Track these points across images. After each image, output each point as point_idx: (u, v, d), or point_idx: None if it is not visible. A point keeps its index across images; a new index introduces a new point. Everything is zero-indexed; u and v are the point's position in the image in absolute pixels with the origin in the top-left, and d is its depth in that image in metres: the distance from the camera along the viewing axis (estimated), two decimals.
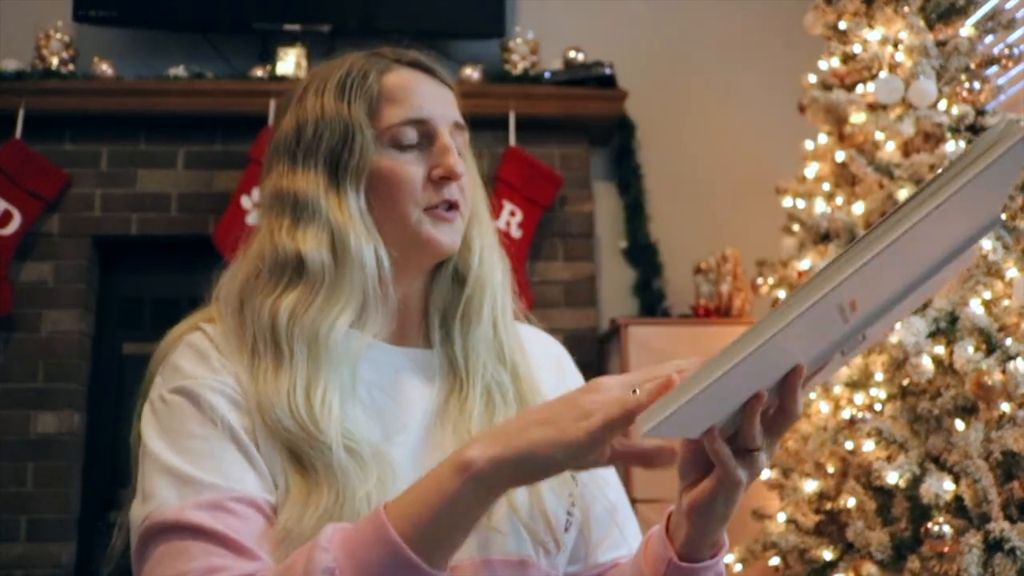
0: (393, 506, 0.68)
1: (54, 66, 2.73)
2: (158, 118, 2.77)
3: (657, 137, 3.02)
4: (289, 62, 2.79)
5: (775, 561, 2.04)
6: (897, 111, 2.12)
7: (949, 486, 1.70)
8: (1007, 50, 2.11)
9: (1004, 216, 1.92)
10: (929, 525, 1.68)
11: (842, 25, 2.29)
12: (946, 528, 1.66)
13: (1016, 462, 1.68)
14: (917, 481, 1.74)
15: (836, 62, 2.27)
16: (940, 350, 1.82)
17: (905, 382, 1.86)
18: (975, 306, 1.81)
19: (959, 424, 1.75)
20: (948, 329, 1.83)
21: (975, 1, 2.18)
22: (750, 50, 3.08)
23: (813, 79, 2.33)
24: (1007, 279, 1.84)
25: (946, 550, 1.65)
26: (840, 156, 2.16)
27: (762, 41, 3.06)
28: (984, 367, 1.72)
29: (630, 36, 3.09)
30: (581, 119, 2.87)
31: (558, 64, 2.89)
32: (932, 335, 1.83)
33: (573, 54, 2.90)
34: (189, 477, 0.75)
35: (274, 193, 0.89)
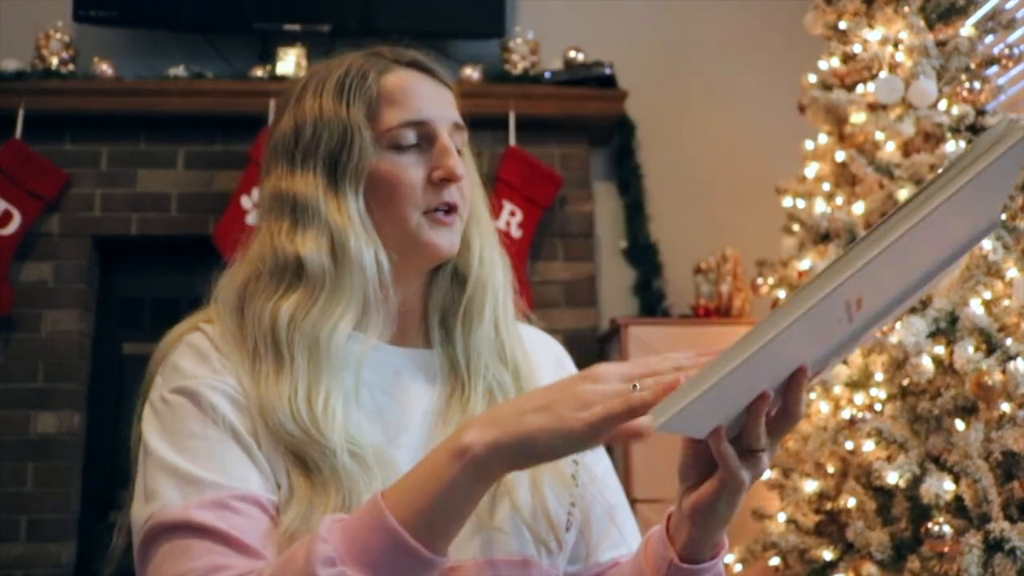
0: (391, 493, 0.68)
1: (54, 66, 2.73)
2: (158, 118, 2.77)
3: (657, 137, 3.02)
4: (289, 62, 2.79)
5: (775, 561, 2.04)
6: (897, 111, 2.12)
7: (949, 486, 1.70)
8: (1007, 50, 2.11)
9: (1004, 216, 1.92)
10: (929, 525, 1.68)
11: (842, 25, 2.29)
12: (946, 528, 1.66)
13: (1016, 462, 1.68)
14: (917, 481, 1.74)
15: (836, 62, 2.27)
16: (940, 350, 1.82)
17: (905, 382, 1.86)
18: (975, 306, 1.81)
19: (959, 424, 1.75)
20: (948, 329, 1.83)
21: (975, 1, 2.18)
22: (750, 50, 3.08)
23: (813, 79, 2.33)
24: (1007, 279, 1.84)
25: (946, 550, 1.65)
26: (840, 156, 2.16)
27: (762, 41, 3.06)
28: (984, 367, 1.72)
29: (630, 36, 3.09)
30: (581, 119, 2.87)
31: (558, 64, 2.89)
32: (932, 335, 1.83)
33: (573, 54, 2.89)
34: (192, 476, 0.75)
35: (273, 195, 0.89)
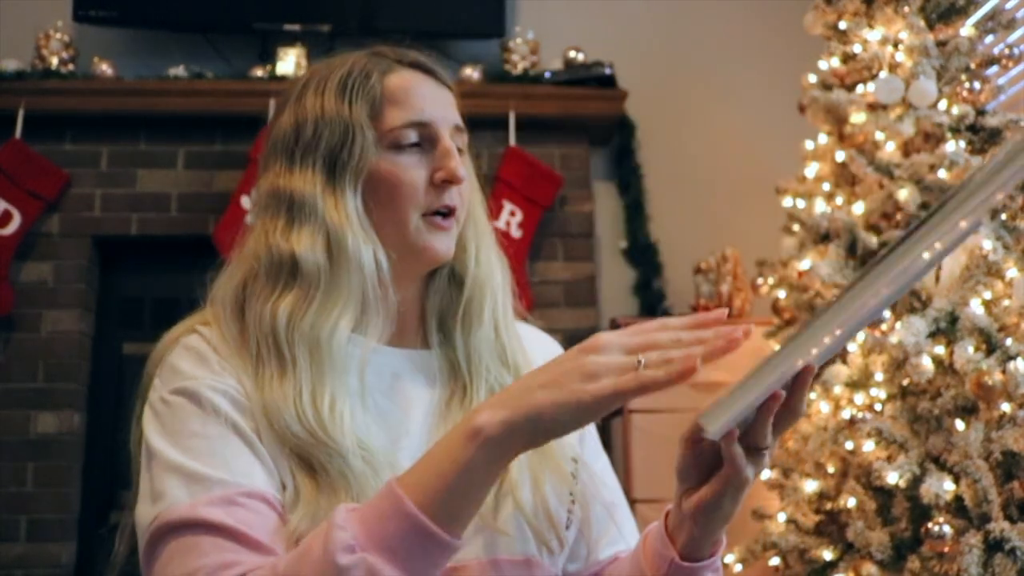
0: (405, 479, 0.68)
1: (54, 66, 2.73)
2: (158, 118, 2.77)
3: (657, 137, 3.02)
4: (289, 62, 2.79)
5: (775, 561, 2.04)
6: (897, 111, 2.12)
7: (949, 486, 1.70)
8: (1007, 50, 2.11)
9: (1004, 216, 1.92)
10: (929, 525, 1.68)
11: (842, 25, 2.29)
12: (946, 528, 1.66)
13: (1016, 462, 1.68)
14: (917, 481, 1.74)
15: (836, 62, 2.27)
16: (940, 350, 1.82)
17: (905, 382, 1.86)
18: (975, 306, 1.81)
19: (959, 424, 1.75)
20: (948, 329, 1.83)
21: (975, 1, 2.18)
22: (750, 50, 3.08)
23: (813, 79, 2.33)
24: (1007, 279, 1.84)
25: (946, 550, 1.65)
26: (840, 156, 2.16)
27: (762, 41, 3.06)
28: (984, 367, 1.72)
29: (630, 36, 3.09)
30: (581, 119, 2.86)
31: (558, 64, 2.89)
32: (932, 335, 1.83)
33: (573, 54, 2.89)
34: (198, 475, 0.74)
35: (270, 192, 0.88)
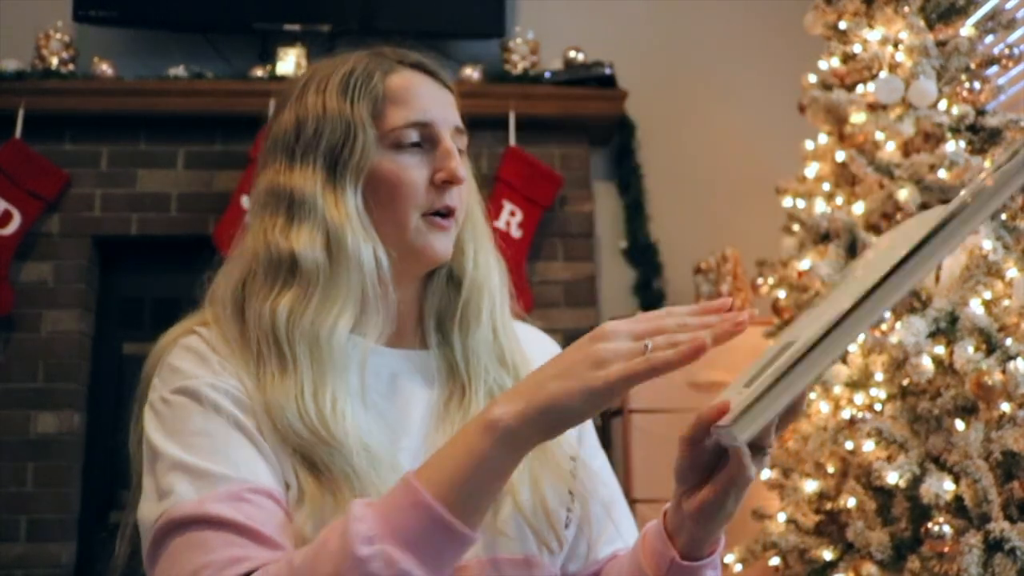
0: (422, 472, 0.68)
1: (54, 66, 2.73)
2: (158, 118, 2.77)
3: (657, 137, 3.02)
4: (289, 62, 2.79)
5: (775, 561, 2.04)
6: (897, 111, 2.12)
7: (949, 486, 1.70)
8: (1007, 50, 2.11)
9: (1004, 216, 1.92)
10: (929, 525, 1.68)
11: (842, 25, 2.29)
12: (946, 528, 1.66)
13: (1016, 462, 1.68)
14: (917, 481, 1.74)
15: (836, 62, 2.27)
16: (940, 350, 1.82)
17: (905, 382, 1.86)
18: (975, 306, 1.81)
19: (959, 424, 1.75)
20: (948, 329, 1.83)
21: (975, 1, 2.18)
22: (750, 50, 3.08)
23: (813, 79, 2.33)
24: (1007, 279, 1.84)
25: (946, 550, 1.65)
26: (840, 156, 2.16)
27: (762, 41, 3.06)
28: (984, 367, 1.72)
29: (630, 36, 3.09)
30: (581, 119, 2.86)
31: (558, 64, 2.89)
32: (932, 335, 1.83)
33: (573, 54, 2.89)
34: (204, 471, 0.74)
35: (269, 190, 0.88)
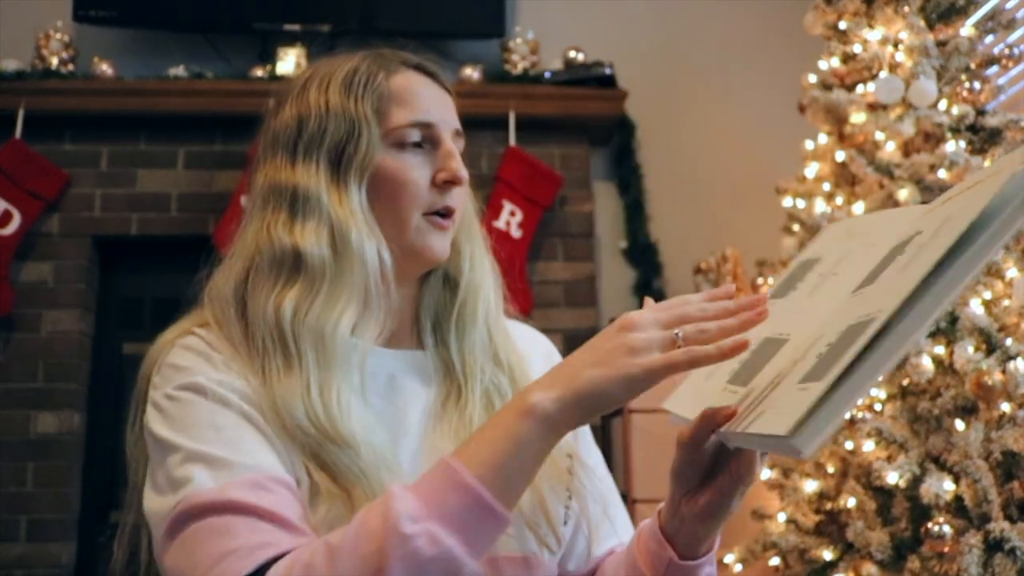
0: (459, 455, 0.68)
1: (54, 66, 2.73)
2: (158, 118, 2.77)
3: (657, 137, 3.02)
4: (289, 62, 2.79)
5: (775, 561, 2.04)
6: (897, 111, 2.12)
7: (949, 486, 1.70)
8: (1007, 50, 2.11)
9: None
10: (929, 525, 1.68)
11: (842, 25, 2.29)
12: (946, 528, 1.66)
13: (1016, 462, 1.68)
14: (917, 481, 1.74)
15: (836, 62, 2.27)
16: (940, 350, 1.82)
17: (905, 382, 1.86)
18: (975, 306, 1.81)
19: (959, 424, 1.75)
20: (948, 329, 1.83)
21: (975, 1, 2.18)
22: (750, 50, 3.08)
23: (813, 79, 2.33)
24: (1007, 279, 1.84)
25: (946, 550, 1.65)
26: (840, 156, 2.16)
27: (762, 41, 3.06)
28: (984, 367, 1.72)
29: (630, 36, 3.09)
30: (581, 119, 2.86)
31: (558, 64, 2.89)
32: (932, 335, 1.83)
33: (573, 54, 2.89)
34: (222, 460, 0.73)
35: (270, 186, 0.87)
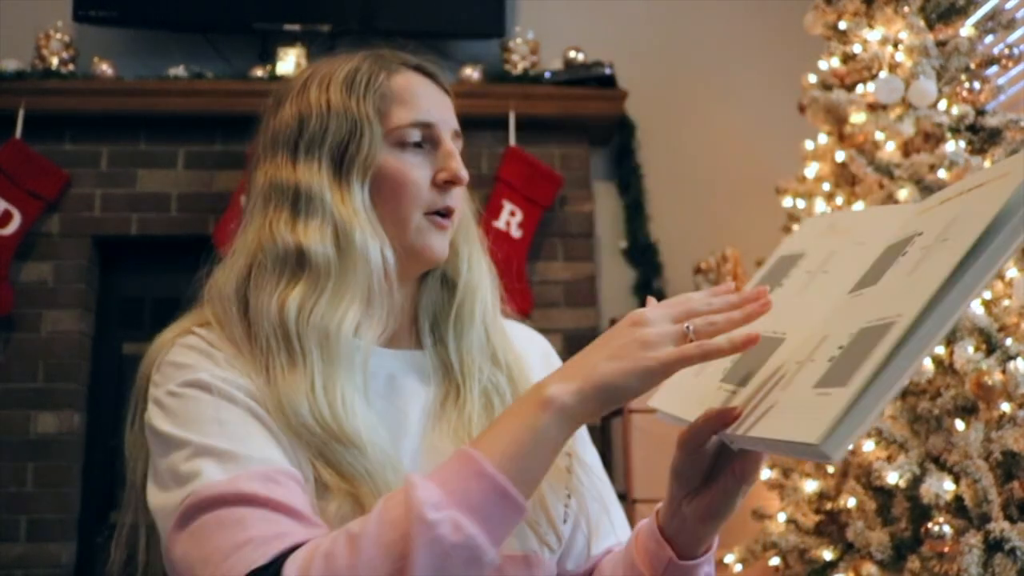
0: (478, 445, 0.69)
1: (54, 66, 2.73)
2: (158, 118, 2.77)
3: (657, 137, 3.02)
4: (289, 62, 2.79)
5: (775, 561, 2.04)
6: (897, 111, 2.12)
7: (949, 486, 1.70)
8: (1007, 50, 2.11)
9: None
10: (929, 525, 1.68)
11: (842, 25, 2.29)
12: (946, 528, 1.66)
13: (1016, 462, 1.68)
14: (917, 481, 1.74)
15: (836, 62, 2.27)
16: (940, 350, 1.82)
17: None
18: (975, 306, 1.81)
19: (959, 424, 1.75)
20: None
21: (975, 1, 2.18)
22: (750, 50, 3.08)
23: (813, 79, 2.33)
24: (1007, 279, 1.84)
25: (946, 550, 1.65)
26: (840, 156, 2.16)
27: (762, 41, 3.06)
28: (984, 367, 1.72)
29: (630, 36, 3.09)
30: (581, 119, 2.86)
31: (558, 64, 2.89)
32: None
33: (573, 54, 2.89)
34: (230, 454, 0.72)
35: (271, 184, 0.87)
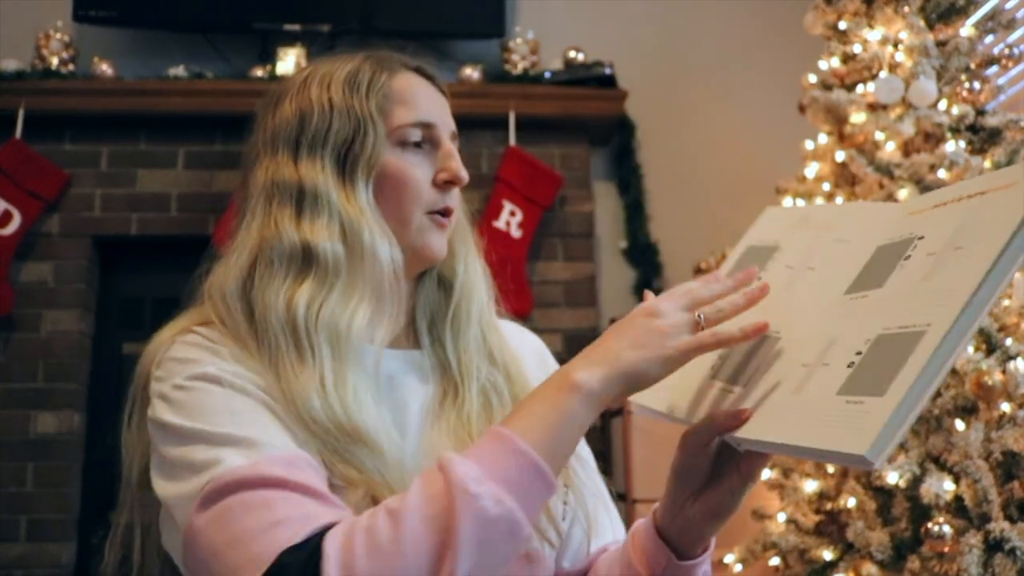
0: (509, 424, 0.70)
1: (54, 66, 2.73)
2: (158, 118, 2.77)
3: (657, 137, 3.02)
4: (289, 62, 2.79)
5: (775, 561, 2.04)
6: (897, 111, 2.12)
7: (949, 486, 1.70)
8: (1007, 50, 2.11)
9: None
10: (929, 525, 1.68)
11: (842, 25, 2.29)
12: (946, 528, 1.66)
13: (1016, 462, 1.68)
14: (917, 481, 1.74)
15: (836, 62, 2.27)
16: None
17: None
18: None
19: (959, 424, 1.75)
20: None
21: (975, 1, 2.18)
22: (750, 50, 3.08)
23: (813, 79, 2.33)
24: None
25: (946, 550, 1.65)
26: (840, 156, 2.16)
27: (762, 41, 3.06)
28: (984, 367, 1.72)
29: (630, 36, 3.09)
30: (581, 119, 2.86)
31: (558, 64, 2.89)
32: None
33: (573, 54, 2.89)
34: (249, 440, 0.71)
35: (273, 182, 0.87)
